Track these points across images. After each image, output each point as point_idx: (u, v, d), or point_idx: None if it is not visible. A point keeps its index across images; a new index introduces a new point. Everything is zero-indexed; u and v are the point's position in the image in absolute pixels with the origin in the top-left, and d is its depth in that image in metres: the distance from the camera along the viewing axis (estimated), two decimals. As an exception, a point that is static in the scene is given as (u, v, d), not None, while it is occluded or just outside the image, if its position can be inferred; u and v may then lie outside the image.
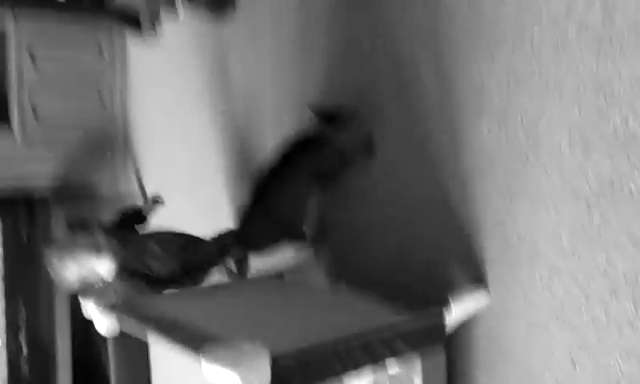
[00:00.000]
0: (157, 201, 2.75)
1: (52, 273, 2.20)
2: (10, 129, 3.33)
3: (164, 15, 2.97)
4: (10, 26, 3.31)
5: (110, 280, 2.24)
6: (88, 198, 3.36)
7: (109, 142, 3.65)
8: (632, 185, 1.56)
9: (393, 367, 1.78)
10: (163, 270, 2.28)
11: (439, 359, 1.82)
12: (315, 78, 2.54)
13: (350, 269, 2.39)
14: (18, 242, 3.34)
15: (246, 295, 2.14)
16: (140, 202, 2.68)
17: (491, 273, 1.91)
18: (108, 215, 2.56)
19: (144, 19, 3.15)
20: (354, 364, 1.62)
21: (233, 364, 1.34)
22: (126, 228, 2.49)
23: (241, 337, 1.46)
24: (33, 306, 3.33)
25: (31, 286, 3.34)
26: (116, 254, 2.24)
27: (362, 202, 2.36)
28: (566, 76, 1.69)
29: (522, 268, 1.82)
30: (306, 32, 2.60)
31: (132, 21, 3.19)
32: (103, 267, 2.22)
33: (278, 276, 2.34)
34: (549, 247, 1.75)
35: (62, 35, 3.52)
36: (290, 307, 1.99)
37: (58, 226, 3.36)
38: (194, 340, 1.50)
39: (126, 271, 2.26)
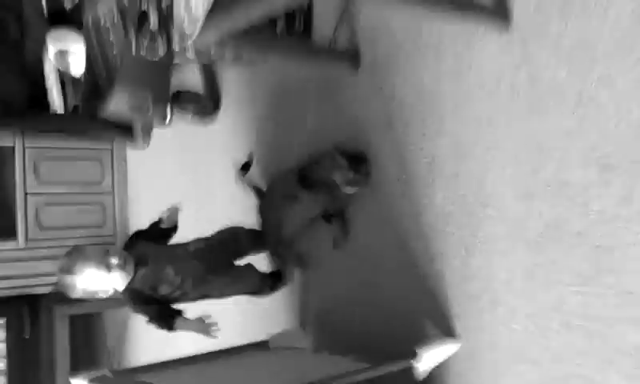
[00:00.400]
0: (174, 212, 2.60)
1: (61, 281, 2.18)
2: (15, 236, 3.55)
3: (155, 124, 3.26)
4: (18, 142, 3.59)
5: (118, 291, 2.26)
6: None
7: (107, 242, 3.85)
8: (570, 227, 1.74)
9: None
10: (174, 294, 2.33)
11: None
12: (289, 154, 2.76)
13: (332, 333, 2.52)
14: (21, 338, 3.48)
15: (228, 366, 2.25)
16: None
17: (458, 323, 2.05)
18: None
19: (137, 129, 3.46)
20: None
21: None
22: (152, 240, 2.44)
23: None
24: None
25: (32, 381, 3.45)
26: (128, 273, 2.25)
27: (339, 270, 2.52)
28: (504, 139, 1.90)
29: (485, 313, 1.96)
30: (281, 118, 2.84)
31: (126, 131, 3.50)
32: (113, 283, 2.22)
33: (263, 345, 2.47)
34: (505, 291, 1.90)
35: (65, 151, 3.79)
36: (264, 370, 2.11)
37: (61, 323, 3.50)
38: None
39: (134, 291, 2.27)
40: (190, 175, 3.53)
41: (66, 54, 3.63)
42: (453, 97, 2.05)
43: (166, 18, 2.23)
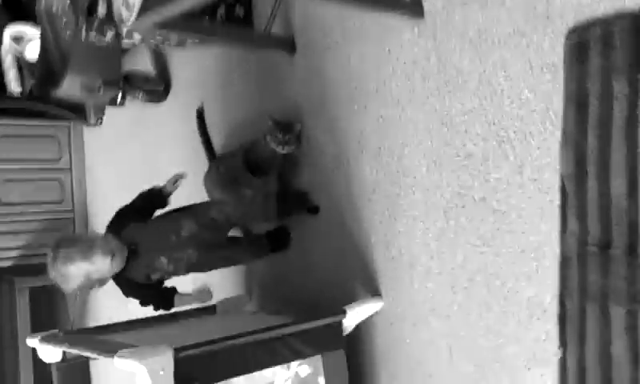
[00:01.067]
0: (179, 179, 2.52)
1: (52, 273, 2.13)
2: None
3: (107, 104, 3.42)
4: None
5: (108, 280, 2.24)
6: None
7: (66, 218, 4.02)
8: (473, 193, 1.97)
9: (304, 370, 2.12)
10: (166, 278, 2.37)
11: (340, 358, 2.16)
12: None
13: (273, 297, 2.75)
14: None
15: (177, 326, 2.46)
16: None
17: (382, 283, 2.28)
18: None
19: (89, 110, 3.63)
20: (255, 362, 1.95)
21: (140, 358, 1.67)
22: (145, 213, 2.39)
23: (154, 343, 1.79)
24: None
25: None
26: (117, 263, 2.20)
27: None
28: (418, 115, 2.12)
29: (405, 274, 2.19)
30: (226, 102, 3.02)
31: (79, 112, 3.66)
32: (103, 270, 2.17)
33: (212, 309, 2.69)
34: (422, 253, 2.13)
35: (22, 128, 3.92)
36: (207, 328, 2.32)
37: (21, 295, 3.67)
38: (115, 349, 1.80)
39: (126, 280, 2.28)
40: (143, 152, 3.69)
41: (21, 39, 3.74)
42: (376, 78, 2.26)
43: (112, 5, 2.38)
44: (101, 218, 4.12)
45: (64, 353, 2.23)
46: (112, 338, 2.14)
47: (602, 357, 1.68)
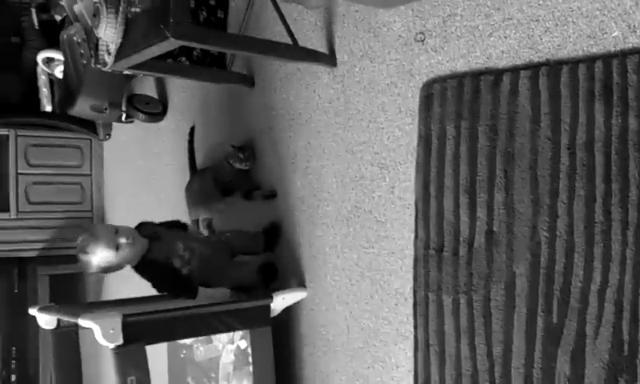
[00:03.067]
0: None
1: (79, 260, 2.45)
2: (8, 209, 4.41)
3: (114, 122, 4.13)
4: (11, 132, 4.43)
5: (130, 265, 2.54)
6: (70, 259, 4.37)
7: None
8: (364, 206, 2.52)
9: (243, 343, 2.70)
10: (184, 270, 2.59)
11: (266, 334, 2.72)
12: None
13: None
14: (12, 292, 4.36)
15: (150, 304, 3.05)
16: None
17: (307, 276, 2.84)
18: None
19: (99, 127, 4.33)
20: (192, 330, 2.54)
21: (95, 319, 2.28)
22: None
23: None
24: (22, 345, 4.36)
25: (21, 330, 4.33)
26: (139, 249, 2.50)
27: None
28: (332, 144, 2.68)
29: (321, 270, 2.75)
30: (206, 125, 3.63)
31: (91, 128, 4.38)
32: (124, 259, 2.47)
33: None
34: (332, 253, 2.69)
35: (50, 139, 4.63)
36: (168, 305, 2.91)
37: (42, 281, 4.38)
38: (81, 312, 2.42)
39: (150, 262, 2.54)
40: (148, 163, 4.34)
41: (52, 60, 4.44)
42: (304, 112, 2.83)
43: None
44: (116, 216, 4.80)
45: (58, 321, 2.86)
46: (91, 309, 2.75)
47: (438, 334, 2.20)
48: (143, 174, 4.39)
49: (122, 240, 2.43)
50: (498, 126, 2.02)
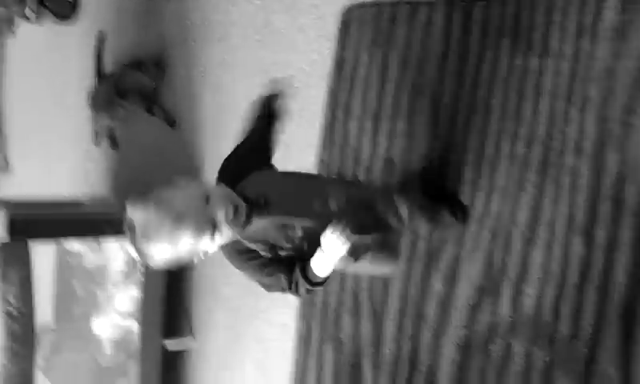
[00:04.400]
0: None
1: (135, 251, 1.35)
2: None
3: (18, 20, 3.90)
4: None
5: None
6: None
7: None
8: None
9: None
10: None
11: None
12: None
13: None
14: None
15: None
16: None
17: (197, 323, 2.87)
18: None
19: (1, 24, 4.10)
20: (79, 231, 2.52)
21: None
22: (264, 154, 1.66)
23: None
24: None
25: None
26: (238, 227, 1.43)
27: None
28: (244, 60, 2.65)
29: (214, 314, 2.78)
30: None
31: None
32: (213, 245, 1.39)
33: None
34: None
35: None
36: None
37: None
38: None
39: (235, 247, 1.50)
40: (54, 68, 4.13)
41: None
42: (221, 26, 2.79)
43: None
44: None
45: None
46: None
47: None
48: (48, 78, 4.21)
49: (222, 216, 1.38)
50: (409, 57, 2.06)
